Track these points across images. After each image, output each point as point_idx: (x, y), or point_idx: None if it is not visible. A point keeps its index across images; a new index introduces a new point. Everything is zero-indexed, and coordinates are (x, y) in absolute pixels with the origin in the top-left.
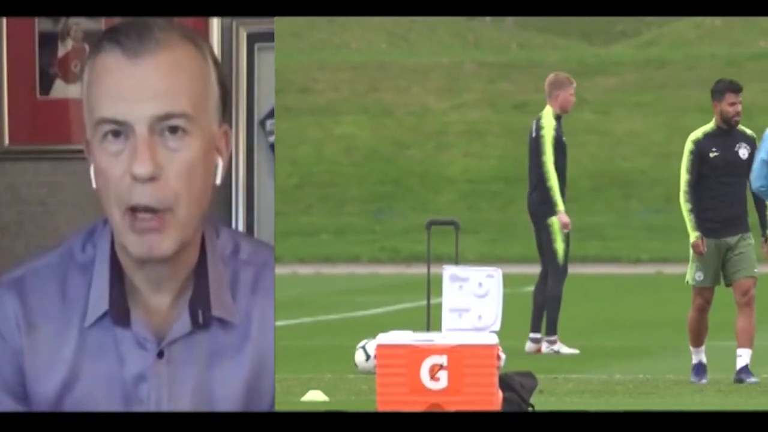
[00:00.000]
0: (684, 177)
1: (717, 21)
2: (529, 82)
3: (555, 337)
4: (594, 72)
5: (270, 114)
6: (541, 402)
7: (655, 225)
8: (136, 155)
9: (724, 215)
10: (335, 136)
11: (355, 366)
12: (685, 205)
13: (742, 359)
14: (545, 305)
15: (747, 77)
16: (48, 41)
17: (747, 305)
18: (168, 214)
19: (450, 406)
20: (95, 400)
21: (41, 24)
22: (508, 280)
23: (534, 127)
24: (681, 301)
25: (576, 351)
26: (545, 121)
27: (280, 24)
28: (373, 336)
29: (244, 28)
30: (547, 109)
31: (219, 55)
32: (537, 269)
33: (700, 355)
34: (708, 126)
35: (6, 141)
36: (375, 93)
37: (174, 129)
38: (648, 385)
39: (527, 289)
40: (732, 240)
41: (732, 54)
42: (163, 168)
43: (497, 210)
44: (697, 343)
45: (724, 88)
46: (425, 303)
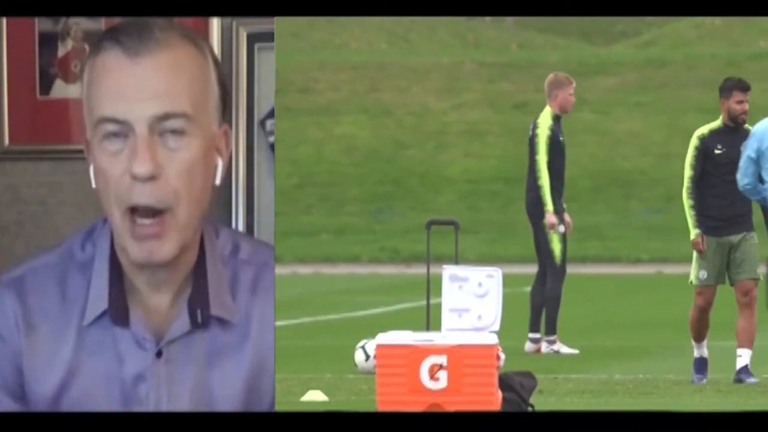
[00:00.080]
0: (687, 173)
1: (717, 21)
2: (529, 82)
3: (554, 337)
4: (594, 72)
5: (270, 114)
6: (541, 402)
7: (655, 225)
8: (135, 155)
9: (727, 213)
10: (335, 136)
11: (355, 366)
12: (687, 202)
13: (742, 359)
14: (544, 305)
15: (747, 77)
16: (48, 41)
17: (748, 306)
18: (168, 216)
19: (450, 406)
20: (94, 399)
21: (41, 24)
22: (507, 280)
23: (531, 127)
24: (681, 301)
25: (576, 351)
26: (541, 121)
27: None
28: (373, 336)
29: (244, 28)
30: (546, 110)
31: (219, 55)
32: (537, 269)
33: (702, 350)
34: (715, 123)
35: (6, 141)
36: (375, 93)
37: (174, 128)
38: (648, 385)
39: (527, 289)
40: (735, 239)
41: (732, 54)
42: (163, 168)
43: (497, 210)
44: (699, 338)
45: (732, 85)
46: (425, 303)
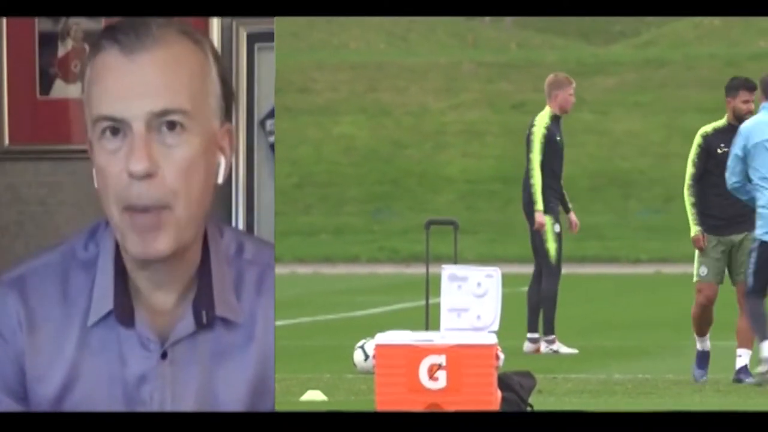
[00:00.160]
0: (689, 170)
1: (716, 21)
2: (528, 82)
3: (553, 337)
4: (593, 72)
5: (270, 114)
6: (540, 402)
7: (654, 225)
8: (132, 152)
9: (729, 213)
10: (334, 136)
11: (354, 366)
12: (689, 199)
13: (741, 359)
14: (540, 305)
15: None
16: (48, 41)
17: None
18: (165, 211)
19: (449, 405)
20: (96, 400)
21: (41, 24)
22: (507, 280)
23: (528, 126)
24: (680, 301)
25: (575, 351)
26: (537, 120)
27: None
28: (372, 336)
29: (244, 28)
30: (545, 109)
31: None
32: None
33: (704, 344)
34: (719, 122)
35: (6, 141)
36: (374, 93)
37: (172, 125)
38: (647, 385)
39: (526, 289)
40: (737, 238)
41: (731, 54)
42: (160, 165)
43: (496, 210)
44: (701, 333)
45: (738, 85)
46: (424, 303)
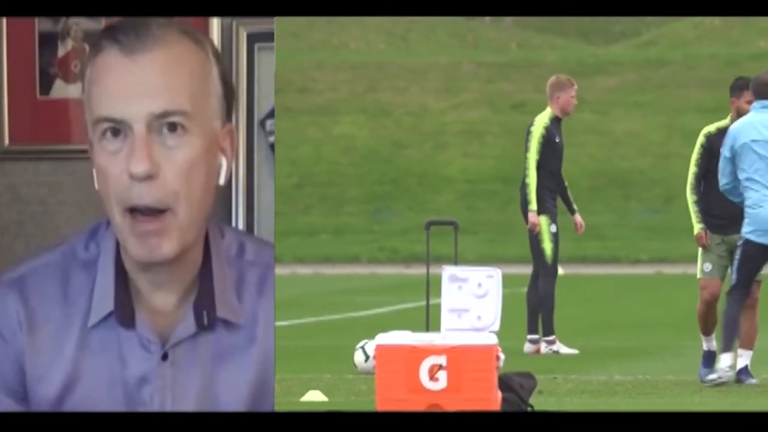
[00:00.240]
0: (692, 170)
1: (716, 21)
2: (528, 82)
3: (553, 337)
4: (593, 72)
5: (270, 114)
6: (541, 402)
7: (654, 225)
8: (133, 153)
9: (730, 212)
10: (334, 136)
11: (355, 366)
12: (691, 197)
13: (742, 360)
14: (539, 306)
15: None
16: (48, 41)
17: (751, 307)
18: (168, 215)
19: (449, 406)
20: (96, 401)
21: (41, 24)
22: (507, 280)
23: (527, 126)
24: (680, 301)
25: (575, 351)
26: (537, 120)
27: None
28: (373, 336)
29: (244, 28)
30: (546, 110)
31: None
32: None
33: (710, 343)
34: (723, 122)
35: (6, 141)
36: (373, 93)
37: (173, 126)
38: (647, 386)
39: (526, 290)
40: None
41: (731, 54)
42: (161, 166)
43: (496, 210)
44: (707, 332)
45: (743, 85)
46: (424, 303)
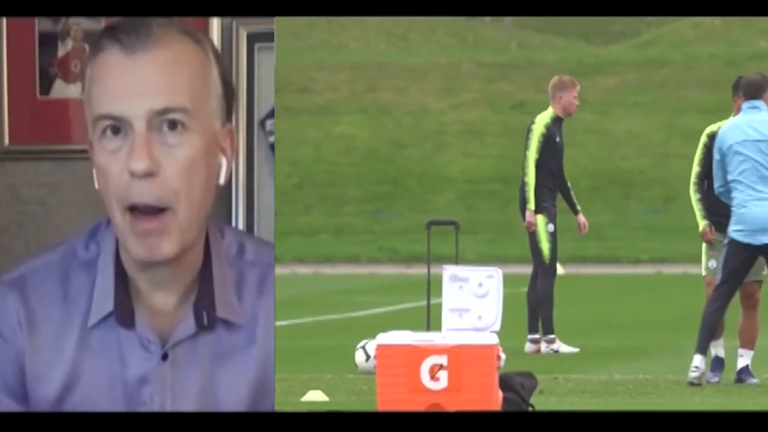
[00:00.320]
0: (695, 170)
1: (716, 21)
2: (528, 81)
3: (553, 336)
4: (593, 72)
5: (270, 114)
6: (541, 402)
7: (655, 225)
8: (133, 151)
9: None
10: (334, 136)
11: (355, 366)
12: (694, 195)
13: (742, 360)
14: (538, 306)
15: None
16: (48, 41)
17: (752, 307)
18: (168, 214)
19: (450, 406)
20: (96, 401)
21: (41, 24)
22: (507, 280)
23: (528, 125)
24: (681, 301)
25: (576, 349)
26: (537, 119)
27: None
28: (373, 336)
29: (244, 28)
30: (548, 110)
31: None
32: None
33: (717, 349)
34: (725, 122)
35: (6, 141)
36: (373, 93)
37: (173, 124)
38: (648, 385)
39: (526, 290)
40: None
41: (731, 54)
42: (161, 164)
43: (496, 210)
44: (714, 337)
45: None
46: (425, 303)
